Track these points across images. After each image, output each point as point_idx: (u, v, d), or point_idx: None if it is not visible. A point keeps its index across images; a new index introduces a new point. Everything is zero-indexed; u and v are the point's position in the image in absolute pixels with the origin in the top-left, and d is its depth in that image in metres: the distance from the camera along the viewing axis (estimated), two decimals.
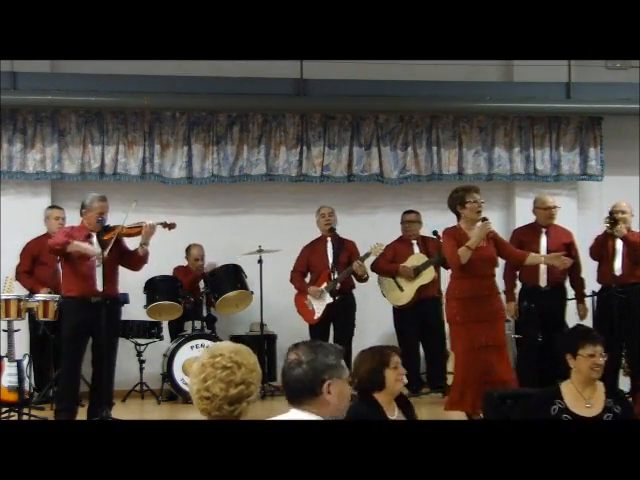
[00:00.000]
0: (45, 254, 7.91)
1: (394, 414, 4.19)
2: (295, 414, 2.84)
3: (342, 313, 7.85)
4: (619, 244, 7.25)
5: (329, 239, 8.05)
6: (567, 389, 4.41)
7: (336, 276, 7.86)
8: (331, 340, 7.83)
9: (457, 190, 6.49)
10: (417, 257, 8.11)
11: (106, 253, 6.39)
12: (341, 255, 7.97)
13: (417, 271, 8.01)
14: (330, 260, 7.96)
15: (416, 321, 8.01)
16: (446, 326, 6.98)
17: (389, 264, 8.13)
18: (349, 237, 8.20)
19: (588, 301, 7.61)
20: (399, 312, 8.19)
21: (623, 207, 7.29)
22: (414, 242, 8.21)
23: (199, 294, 8.35)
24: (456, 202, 6.43)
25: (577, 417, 4.29)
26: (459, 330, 6.38)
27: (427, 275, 7.99)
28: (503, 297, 7.14)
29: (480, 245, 6.32)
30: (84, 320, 6.42)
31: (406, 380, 4.25)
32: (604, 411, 4.34)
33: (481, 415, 6.00)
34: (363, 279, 8.00)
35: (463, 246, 6.27)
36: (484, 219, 6.33)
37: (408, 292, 8.05)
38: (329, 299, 7.89)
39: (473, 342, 6.24)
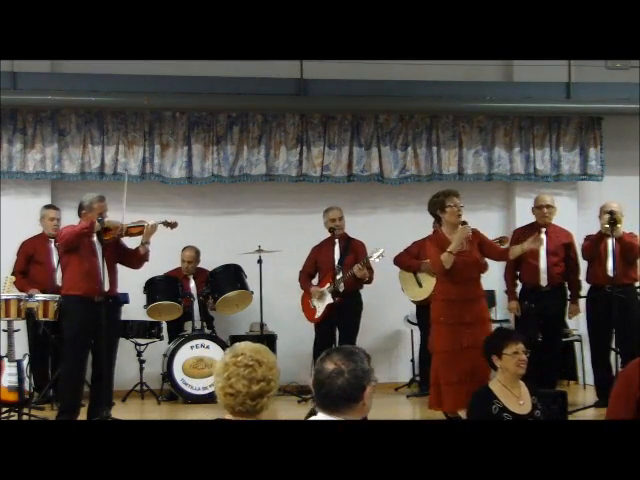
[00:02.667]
0: (41, 253, 7.90)
1: None
2: (323, 418, 2.84)
3: (347, 314, 7.84)
4: (610, 245, 7.21)
5: (337, 240, 8.05)
6: (497, 388, 4.59)
7: (339, 277, 7.87)
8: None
9: (437, 195, 6.59)
10: None
11: (123, 231, 6.44)
12: (347, 256, 7.97)
13: None
14: (336, 261, 7.97)
15: None
16: None
17: (411, 259, 8.16)
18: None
19: (583, 303, 7.60)
20: (420, 308, 8.22)
21: (614, 207, 7.24)
22: None
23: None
24: (436, 207, 6.53)
25: (515, 415, 4.49)
26: (442, 330, 6.44)
27: None
28: (504, 297, 7.17)
29: (463, 249, 6.39)
30: (87, 320, 6.40)
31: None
32: (534, 408, 4.60)
33: (460, 415, 6.04)
34: (365, 282, 8.00)
35: (445, 252, 6.33)
36: (463, 222, 6.41)
37: (426, 289, 8.06)
38: (330, 299, 7.89)
39: (456, 343, 6.29)
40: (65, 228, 6.81)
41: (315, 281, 8.21)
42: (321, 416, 2.86)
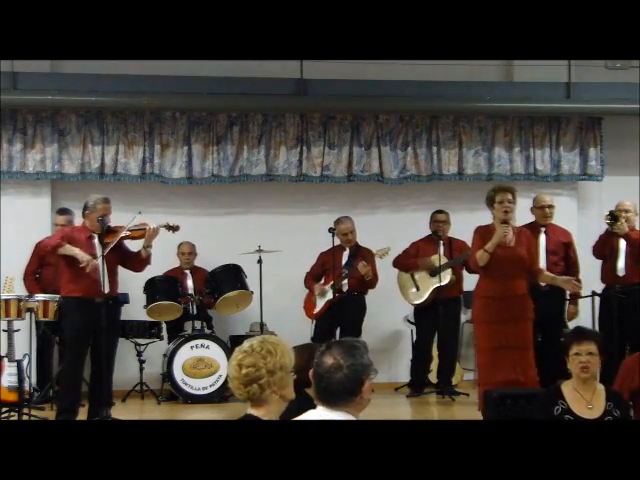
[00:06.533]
0: (52, 255, 7.89)
1: None
2: (322, 412, 2.84)
3: (349, 314, 7.89)
4: (622, 243, 7.24)
5: (347, 248, 8.14)
6: (568, 390, 4.44)
7: (343, 275, 7.94)
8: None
9: (492, 189, 6.55)
10: (438, 259, 8.07)
11: (100, 256, 6.40)
12: (355, 260, 8.02)
13: (435, 272, 8.00)
14: (343, 263, 8.05)
15: (433, 321, 8.04)
16: (461, 328, 6.98)
17: (410, 259, 8.16)
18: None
19: (584, 302, 7.59)
20: (418, 309, 8.24)
21: (627, 206, 7.29)
22: (441, 242, 8.18)
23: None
24: (488, 202, 6.50)
25: (579, 418, 4.31)
26: (482, 329, 6.38)
27: (445, 277, 7.97)
28: None
29: (508, 246, 6.31)
30: (87, 321, 6.41)
31: None
32: (604, 414, 4.34)
33: None
34: (367, 281, 8.01)
35: (481, 249, 6.30)
36: (503, 222, 6.32)
37: (423, 292, 8.07)
38: (330, 296, 7.95)
39: (495, 342, 6.21)
40: (57, 232, 6.88)
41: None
42: (320, 410, 2.86)
